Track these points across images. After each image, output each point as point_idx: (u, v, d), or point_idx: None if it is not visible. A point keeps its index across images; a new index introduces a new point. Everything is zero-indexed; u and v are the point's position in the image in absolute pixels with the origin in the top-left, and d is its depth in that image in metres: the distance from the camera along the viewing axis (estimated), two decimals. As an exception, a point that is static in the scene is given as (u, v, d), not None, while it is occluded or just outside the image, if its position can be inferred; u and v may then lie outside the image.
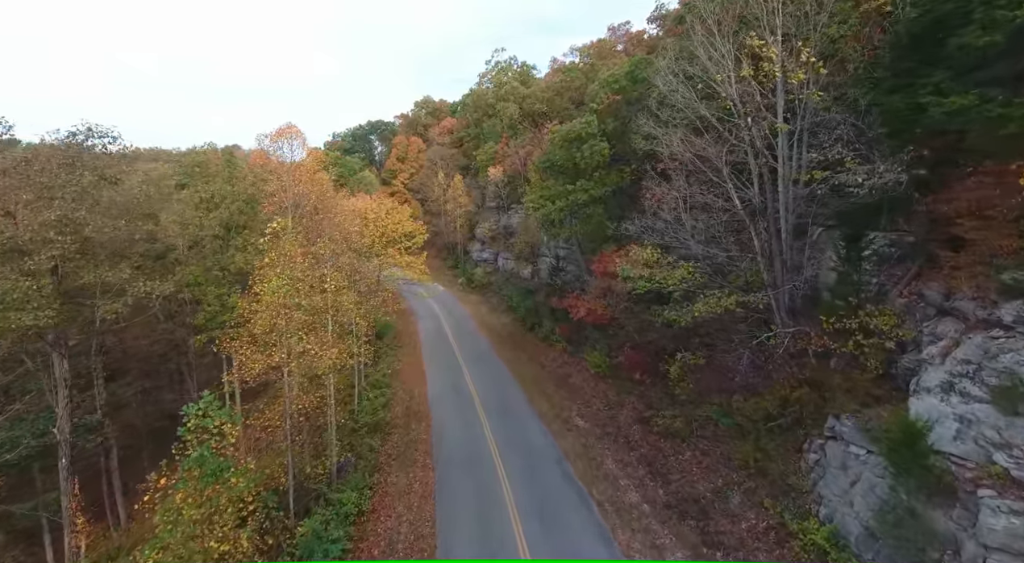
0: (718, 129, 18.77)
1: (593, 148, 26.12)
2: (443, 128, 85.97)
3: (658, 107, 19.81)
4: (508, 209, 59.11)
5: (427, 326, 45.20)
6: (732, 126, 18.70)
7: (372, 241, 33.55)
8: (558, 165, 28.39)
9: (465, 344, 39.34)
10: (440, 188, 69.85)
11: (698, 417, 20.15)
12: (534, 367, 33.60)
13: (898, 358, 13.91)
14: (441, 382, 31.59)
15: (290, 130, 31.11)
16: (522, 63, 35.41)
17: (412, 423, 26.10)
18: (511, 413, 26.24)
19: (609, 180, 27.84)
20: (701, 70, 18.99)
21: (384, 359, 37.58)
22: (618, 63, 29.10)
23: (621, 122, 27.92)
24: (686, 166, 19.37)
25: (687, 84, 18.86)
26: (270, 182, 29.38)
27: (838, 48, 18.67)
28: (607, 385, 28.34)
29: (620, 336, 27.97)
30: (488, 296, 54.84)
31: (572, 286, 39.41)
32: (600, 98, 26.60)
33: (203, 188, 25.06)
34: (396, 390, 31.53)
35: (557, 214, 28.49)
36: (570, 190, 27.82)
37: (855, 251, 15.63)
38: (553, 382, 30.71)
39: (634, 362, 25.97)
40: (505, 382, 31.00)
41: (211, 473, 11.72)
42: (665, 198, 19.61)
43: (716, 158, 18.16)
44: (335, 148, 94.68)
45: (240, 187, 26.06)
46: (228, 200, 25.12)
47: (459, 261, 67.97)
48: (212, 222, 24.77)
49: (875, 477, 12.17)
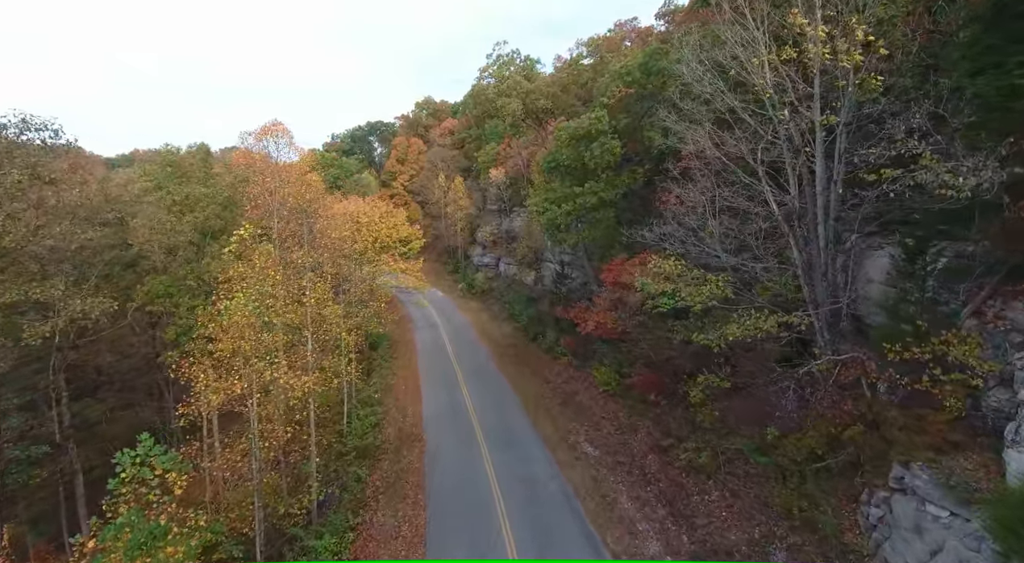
0: (749, 123, 16.43)
1: (603, 146, 23.82)
2: (444, 129, 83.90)
3: (681, 99, 17.47)
4: (510, 212, 56.82)
5: (424, 336, 42.89)
6: (765, 120, 16.38)
7: (364, 247, 31.25)
8: (564, 165, 26.09)
9: (464, 356, 37.00)
10: (441, 190, 67.68)
11: (725, 449, 17.75)
12: (537, 382, 31.22)
13: (982, 395, 11.51)
14: (437, 400, 29.24)
15: (276, 128, 28.85)
16: (525, 57, 33.31)
17: (404, 448, 23.74)
18: (513, 437, 23.87)
19: (620, 182, 25.52)
20: (729, 56, 16.65)
21: (378, 372, 35.29)
22: (629, 55, 26.79)
23: (634, 118, 25.62)
24: (712, 165, 17.02)
25: (714, 72, 16.53)
26: (254, 183, 27.09)
27: (884, 31, 16.34)
28: (617, 405, 25.96)
29: (632, 352, 25.57)
30: (489, 303, 52.52)
31: (578, 294, 37.07)
32: (611, 92, 24.32)
33: (176, 190, 22.82)
34: (389, 408, 29.20)
35: (563, 219, 26.18)
36: (577, 193, 25.50)
37: (918, 264, 13.24)
38: (558, 400, 28.33)
39: (648, 382, 23.57)
40: (506, 400, 28.64)
41: (139, 544, 9.39)
42: (688, 201, 17.25)
43: (749, 156, 15.81)
44: (333, 149, 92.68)
45: (217, 189, 23.81)
46: (203, 203, 22.87)
47: (459, 265, 65.72)
48: (185, 227, 22.52)
49: (967, 550, 9.75)
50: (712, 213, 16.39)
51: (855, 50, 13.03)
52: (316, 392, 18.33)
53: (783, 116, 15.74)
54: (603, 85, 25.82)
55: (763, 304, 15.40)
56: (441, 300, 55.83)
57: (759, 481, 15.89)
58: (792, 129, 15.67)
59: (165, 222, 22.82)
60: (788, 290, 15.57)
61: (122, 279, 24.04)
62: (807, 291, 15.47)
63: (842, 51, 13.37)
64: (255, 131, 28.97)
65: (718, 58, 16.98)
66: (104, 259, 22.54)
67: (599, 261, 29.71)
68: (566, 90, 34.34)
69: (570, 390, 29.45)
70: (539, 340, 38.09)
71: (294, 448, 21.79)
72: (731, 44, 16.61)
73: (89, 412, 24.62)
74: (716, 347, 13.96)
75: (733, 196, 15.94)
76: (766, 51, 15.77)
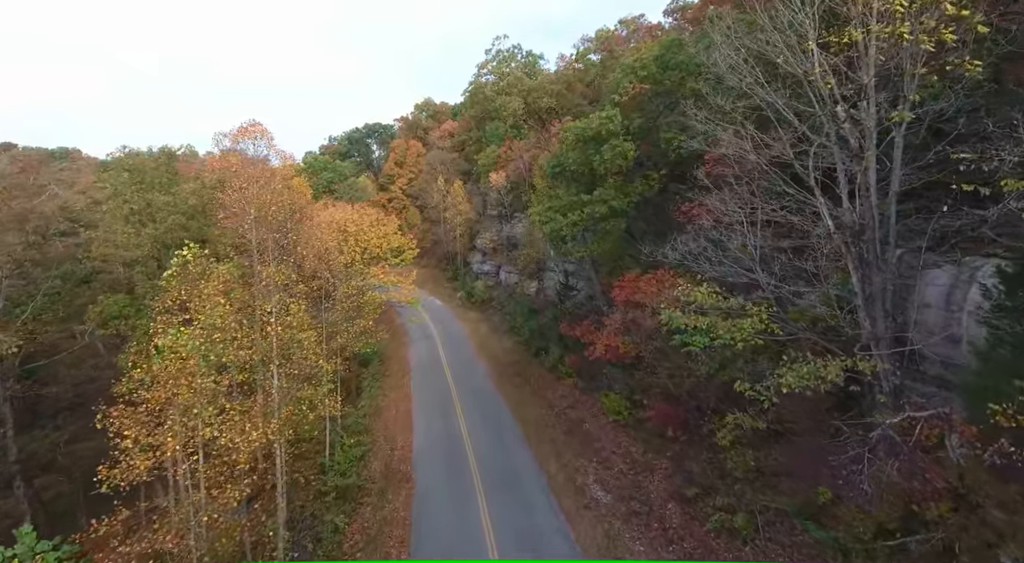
0: (793, 123, 13.77)
1: (615, 149, 21.17)
2: (444, 131, 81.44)
3: (711, 93, 14.82)
4: (511, 218, 54.19)
5: (420, 350, 40.21)
6: (812, 118, 13.73)
7: (352, 258, 28.60)
8: (571, 170, 23.45)
9: (461, 375, 34.28)
10: (440, 194, 65.16)
11: (764, 508, 15.00)
12: (540, 407, 28.48)
13: None
14: (430, 428, 26.53)
15: (254, 128, 26.28)
16: (527, 53, 30.85)
17: (391, 490, 21.01)
18: (512, 476, 21.14)
19: (633, 189, 22.86)
20: (766, 42, 13.99)
21: (367, 392, 32.64)
22: (643, 48, 24.17)
23: (648, 118, 22.95)
24: (750, 172, 14.36)
25: (752, 61, 13.88)
26: (229, 188, 24.43)
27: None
28: (629, 438, 23.22)
29: (646, 381, 22.86)
30: (489, 313, 49.79)
31: (584, 309, 34.37)
32: (623, 88, 21.69)
33: (135, 198, 20.23)
34: (376, 437, 26.52)
35: (569, 229, 23.52)
36: (585, 201, 22.85)
37: (1022, 296, 10.53)
38: (563, 429, 25.59)
39: (665, 416, 20.85)
40: (505, 429, 25.92)
41: None
42: (722, 214, 14.59)
43: (796, 160, 13.15)
44: (330, 152, 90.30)
45: (181, 197, 21.20)
46: (163, 213, 20.26)
47: (459, 272, 63.12)
48: (144, 239, 19.90)
49: None
50: (750, 229, 13.69)
51: (943, 27, 10.35)
52: (284, 435, 15.62)
53: (839, 113, 13.09)
54: (614, 81, 23.20)
55: (815, 339, 12.70)
56: (439, 309, 53.26)
57: (810, 554, 13.14)
58: (849, 128, 13.01)
59: (121, 234, 20.19)
60: (843, 323, 12.86)
61: (76, 296, 21.37)
62: (868, 325, 12.76)
63: (921, 30, 10.69)
64: (231, 132, 26.41)
65: (755, 45, 14.33)
66: (53, 274, 19.91)
67: (608, 275, 27.05)
68: (571, 88, 31.79)
69: (576, 417, 26.71)
70: (541, 357, 35.36)
71: (263, 492, 19.15)
72: (769, 29, 13.97)
73: (35, 446, 21.97)
74: (767, 402, 11.27)
75: (778, 208, 13.24)
76: (815, 33, 13.14)
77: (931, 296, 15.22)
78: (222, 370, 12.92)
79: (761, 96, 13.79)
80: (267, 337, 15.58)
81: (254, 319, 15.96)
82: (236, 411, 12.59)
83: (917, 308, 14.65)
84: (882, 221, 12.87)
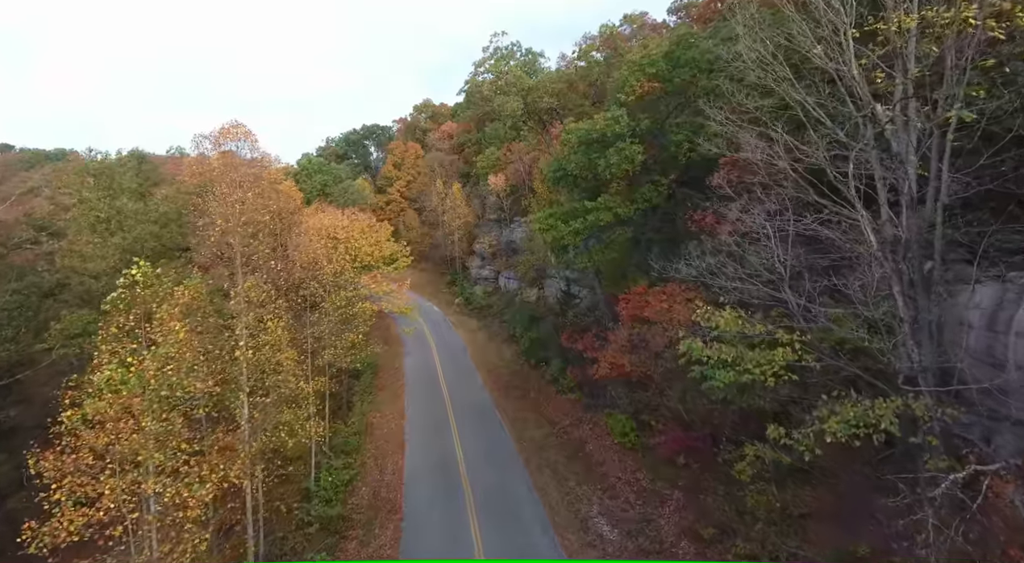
0: (826, 124, 12.19)
1: (621, 152, 19.58)
2: (443, 133, 79.99)
3: (733, 91, 13.22)
4: (511, 222, 52.64)
5: (415, 361, 38.61)
6: (850, 120, 12.16)
7: (341, 267, 27.00)
8: (573, 175, 21.85)
9: (458, 389, 32.65)
10: (438, 197, 63.67)
11: (791, 555, 13.35)
12: (541, 426, 26.85)
13: None
14: (423, 449, 24.91)
15: (237, 130, 24.77)
16: (527, 50, 29.38)
17: (378, 522, 19.38)
18: (510, 507, 19.53)
19: (640, 195, 21.26)
20: (797, 35, 12.41)
21: (359, 407, 31.02)
22: (651, 44, 22.58)
23: (656, 119, 21.37)
24: (777, 179, 12.77)
25: (778, 54, 12.29)
26: (210, 194, 22.86)
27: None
28: (636, 463, 21.61)
29: (655, 401, 21.23)
30: (488, 321, 48.16)
31: (586, 319, 32.75)
32: (629, 86, 20.10)
33: (101, 205, 18.67)
34: (365, 459, 24.90)
35: (571, 238, 21.93)
36: (588, 208, 21.25)
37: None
38: (565, 452, 23.97)
39: (676, 443, 19.22)
40: (504, 451, 24.29)
41: None
42: (747, 226, 13.01)
43: (831, 167, 11.56)
44: (327, 154, 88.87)
45: (152, 203, 19.65)
46: (131, 221, 18.70)
47: (457, 277, 61.56)
48: (109, 250, 18.34)
49: None
50: (778, 243, 12.08)
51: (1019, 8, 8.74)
52: (256, 472, 14.04)
53: (880, 113, 11.50)
54: (620, 79, 21.60)
55: (856, 372, 11.08)
56: (436, 316, 51.72)
57: (849, 618, 11.50)
58: (892, 131, 11.43)
59: (86, 243, 18.62)
60: (887, 352, 11.24)
61: (40, 311, 19.76)
62: (915, 355, 11.14)
63: (988, 13, 9.09)
64: (212, 133, 24.91)
65: (782, 37, 12.73)
66: (12, 288, 18.32)
67: (613, 286, 25.43)
68: (573, 87, 30.28)
69: (578, 437, 25.10)
70: (542, 368, 33.80)
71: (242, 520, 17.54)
72: (798, 19, 12.38)
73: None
74: (808, 452, 9.61)
75: (810, 220, 11.65)
76: (851, 21, 11.57)
77: (972, 315, 13.66)
78: (179, 405, 11.31)
79: (790, 95, 12.19)
80: (236, 362, 13.99)
81: (223, 341, 14.36)
82: (190, 452, 10.97)
83: (957, 330, 13.10)
84: (937, 235, 11.26)
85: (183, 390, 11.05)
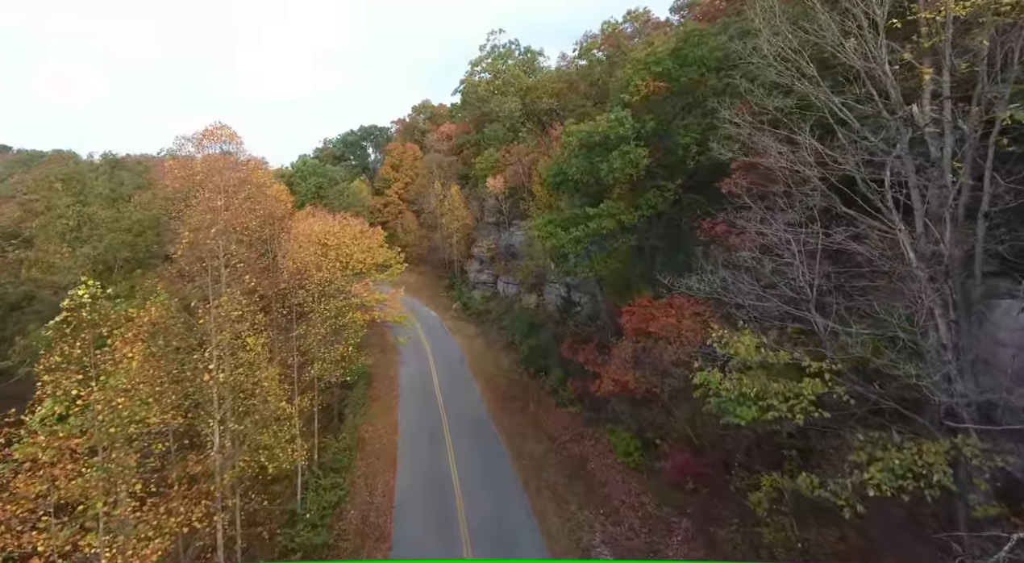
0: (853, 128, 10.98)
1: (625, 156, 18.37)
2: (442, 134, 78.78)
3: (751, 90, 12.02)
4: (510, 225, 51.39)
5: (411, 369, 37.36)
6: (882, 122, 10.96)
7: (332, 275, 25.76)
8: (574, 180, 20.64)
9: (454, 400, 31.42)
10: (437, 199, 62.50)
11: (814, 603, 12.12)
12: (540, 441, 25.64)
13: None
14: (416, 467, 23.67)
15: (221, 131, 23.58)
16: (526, 49, 28.21)
17: (364, 552, 18.14)
18: (507, 533, 18.33)
19: (645, 201, 20.04)
20: (824, 28, 11.20)
21: (350, 419, 29.77)
22: (657, 41, 21.37)
23: (662, 121, 20.16)
24: (799, 186, 11.57)
25: (805, 51, 11.08)
26: (194, 199, 21.66)
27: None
28: (641, 484, 20.39)
29: (660, 419, 20.03)
30: (486, 327, 46.93)
31: (588, 328, 31.54)
32: (634, 86, 18.89)
33: (70, 212, 17.48)
34: (355, 478, 23.65)
35: (572, 246, 20.70)
36: (590, 215, 20.04)
37: None
38: (565, 470, 22.75)
39: (684, 467, 18.00)
40: (501, 469, 23.08)
41: None
42: (757, 235, 11.80)
43: (861, 174, 10.34)
44: (325, 155, 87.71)
45: (126, 211, 18.43)
46: (104, 229, 17.49)
47: (456, 281, 60.34)
48: (77, 262, 17.11)
49: None
50: (804, 258, 10.86)
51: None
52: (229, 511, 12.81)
53: (916, 114, 10.30)
54: (623, 78, 20.38)
55: (895, 407, 9.85)
56: (434, 321, 50.49)
57: None
58: (932, 135, 10.22)
59: (54, 253, 17.38)
60: (929, 384, 10.01)
61: (6, 325, 18.53)
62: (959, 386, 9.90)
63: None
64: (195, 135, 23.70)
65: (806, 32, 11.52)
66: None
67: (616, 296, 24.22)
68: (574, 87, 29.08)
69: (579, 454, 23.87)
70: (542, 377, 32.62)
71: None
72: (824, 11, 11.18)
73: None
74: (849, 508, 8.37)
75: (841, 234, 10.43)
76: (884, 13, 10.38)
77: (1004, 332, 12.46)
78: (133, 440, 10.09)
79: (816, 95, 10.98)
80: (206, 387, 12.77)
81: (192, 363, 13.14)
82: (144, 494, 9.74)
83: (988, 348, 11.90)
84: (978, 250, 10.04)
85: (137, 426, 9.82)
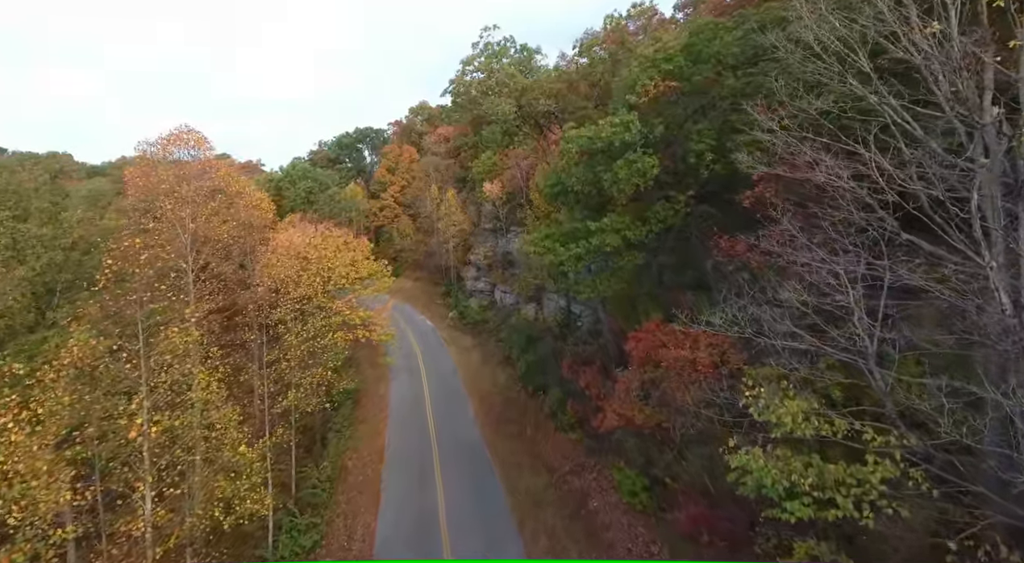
0: (917, 136, 8.89)
1: (632, 165, 16.28)
2: (439, 136, 76.74)
3: (788, 89, 9.93)
4: (507, 232, 49.33)
5: (401, 387, 35.25)
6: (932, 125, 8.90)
7: (312, 292, 23.69)
8: (574, 191, 18.57)
9: (446, 422, 29.31)
10: (433, 203, 60.49)
11: None
12: (537, 473, 23.53)
13: None
14: (400, 507, 21.57)
15: (188, 135, 21.58)
16: (522, 47, 26.25)
17: (336, 613, 16.11)
18: (499, 591, 16.25)
19: (654, 214, 17.95)
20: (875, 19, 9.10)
21: (334, 445, 27.70)
22: (668, 35, 19.28)
23: (672, 125, 18.07)
24: (842, 203, 9.47)
25: (858, 45, 8.99)
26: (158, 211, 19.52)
27: None
28: (649, 531, 18.31)
29: (669, 458, 17.93)
30: (483, 338, 44.85)
31: (590, 345, 29.50)
32: (641, 85, 16.82)
33: (1, 229, 15.44)
34: (334, 516, 21.58)
35: (572, 264, 18.62)
36: (592, 229, 17.94)
37: None
38: (565, 509, 20.66)
39: (699, 519, 15.88)
40: (495, 506, 21.01)
41: None
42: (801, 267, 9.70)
43: (939, 191, 8.25)
44: (320, 158, 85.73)
45: (66, 226, 16.37)
46: (41, 248, 15.44)
47: (452, 288, 58.29)
48: (12, 284, 15.05)
49: None
50: (862, 295, 8.74)
51: None
52: None
53: (976, 114, 8.22)
54: (629, 77, 18.30)
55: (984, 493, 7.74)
56: (428, 332, 48.48)
57: None
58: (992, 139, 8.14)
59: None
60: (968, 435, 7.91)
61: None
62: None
63: None
64: (159, 139, 21.65)
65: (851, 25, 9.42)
66: None
67: (620, 317, 22.13)
68: (573, 87, 27.05)
69: (580, 489, 21.77)
70: (539, 397, 30.53)
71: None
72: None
73: None
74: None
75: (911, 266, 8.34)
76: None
77: None
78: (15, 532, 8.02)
79: (869, 95, 8.87)
80: (129, 444, 10.69)
81: (119, 413, 11.07)
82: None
83: None
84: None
85: (19, 516, 7.75)
